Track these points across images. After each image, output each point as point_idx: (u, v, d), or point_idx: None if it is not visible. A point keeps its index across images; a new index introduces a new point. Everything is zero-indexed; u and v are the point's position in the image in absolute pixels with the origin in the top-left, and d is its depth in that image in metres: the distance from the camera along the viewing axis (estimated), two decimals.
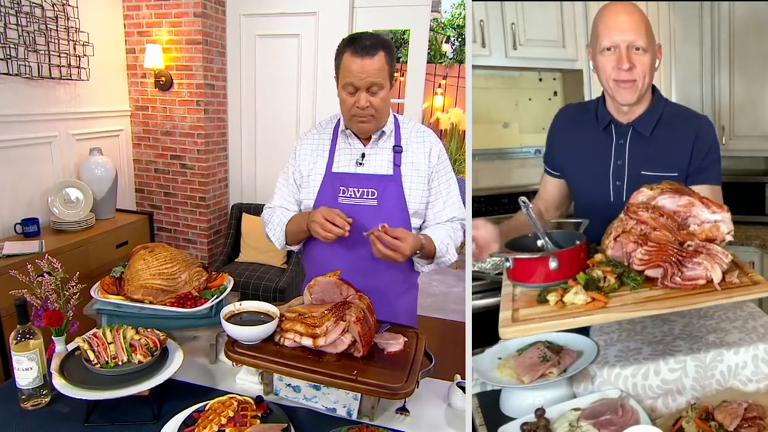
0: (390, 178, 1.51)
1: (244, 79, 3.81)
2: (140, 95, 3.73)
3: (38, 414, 1.25)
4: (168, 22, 3.54)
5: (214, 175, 3.86)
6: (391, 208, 1.50)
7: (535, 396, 1.17)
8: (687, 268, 0.90)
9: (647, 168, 1.26)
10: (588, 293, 0.92)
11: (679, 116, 1.30)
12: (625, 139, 1.29)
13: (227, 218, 4.04)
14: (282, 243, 1.61)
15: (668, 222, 0.94)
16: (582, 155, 1.35)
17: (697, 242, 0.92)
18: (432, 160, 1.55)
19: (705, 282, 0.90)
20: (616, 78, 1.23)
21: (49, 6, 2.90)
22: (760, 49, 2.13)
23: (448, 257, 1.54)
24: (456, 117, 7.38)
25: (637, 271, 0.94)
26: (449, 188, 1.58)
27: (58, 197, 2.96)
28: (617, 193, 1.28)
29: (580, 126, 1.38)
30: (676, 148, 1.25)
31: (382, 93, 1.42)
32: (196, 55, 3.54)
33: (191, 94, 3.62)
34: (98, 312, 1.47)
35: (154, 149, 3.81)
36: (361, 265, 1.51)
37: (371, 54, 1.37)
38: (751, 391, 1.09)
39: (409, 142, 1.55)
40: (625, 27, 1.19)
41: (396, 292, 1.60)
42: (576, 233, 1.08)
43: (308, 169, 1.58)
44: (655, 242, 0.93)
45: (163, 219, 3.93)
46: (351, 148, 1.55)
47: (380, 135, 1.53)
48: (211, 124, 3.75)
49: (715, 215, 0.95)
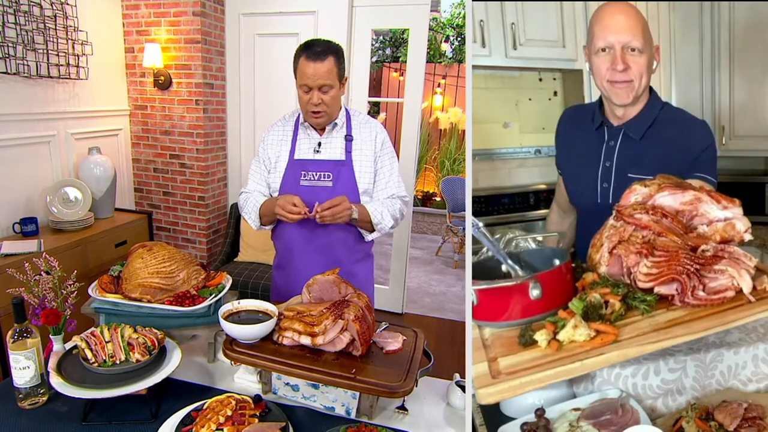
0: (343, 162, 1.75)
1: (243, 78, 3.81)
2: (139, 94, 3.73)
3: (36, 413, 1.25)
4: (167, 21, 3.53)
5: (213, 174, 3.85)
6: (344, 189, 1.72)
7: (535, 396, 1.16)
8: (709, 278, 0.71)
9: (634, 171, 1.23)
10: (589, 325, 0.71)
11: (674, 121, 1.27)
12: (616, 140, 1.28)
13: (226, 218, 4.04)
14: (257, 224, 1.83)
15: (673, 224, 0.75)
16: (575, 155, 1.34)
17: (713, 245, 0.74)
18: (377, 145, 1.78)
19: (733, 293, 0.71)
20: (610, 79, 1.21)
21: (48, 5, 2.89)
22: (760, 49, 2.13)
23: (384, 223, 1.74)
24: (455, 117, 7.38)
25: (643, 290, 0.75)
26: (391, 170, 1.81)
27: (56, 196, 2.95)
28: (604, 195, 1.26)
29: (577, 126, 1.37)
30: (665, 152, 1.22)
31: (332, 92, 1.65)
32: (195, 54, 3.53)
33: (190, 93, 3.62)
34: (96, 311, 1.46)
35: (153, 148, 3.81)
36: (320, 239, 1.76)
37: (322, 59, 1.60)
38: (751, 391, 1.09)
39: (359, 131, 1.78)
40: (621, 28, 1.17)
41: (351, 260, 1.82)
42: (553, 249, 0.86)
43: (276, 156, 1.81)
44: (662, 250, 0.73)
45: (162, 218, 3.93)
46: (309, 138, 1.78)
47: (333, 126, 1.76)
48: (210, 123, 3.75)
49: (726, 211, 0.78)
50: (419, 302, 4.34)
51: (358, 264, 1.85)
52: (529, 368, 0.69)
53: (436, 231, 6.59)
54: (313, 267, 1.69)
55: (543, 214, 2.47)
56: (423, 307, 4.25)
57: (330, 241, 1.77)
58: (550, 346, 0.71)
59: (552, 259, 0.81)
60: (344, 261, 1.79)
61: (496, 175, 2.45)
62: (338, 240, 1.77)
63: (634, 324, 0.72)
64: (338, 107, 1.75)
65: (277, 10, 3.59)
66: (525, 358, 0.70)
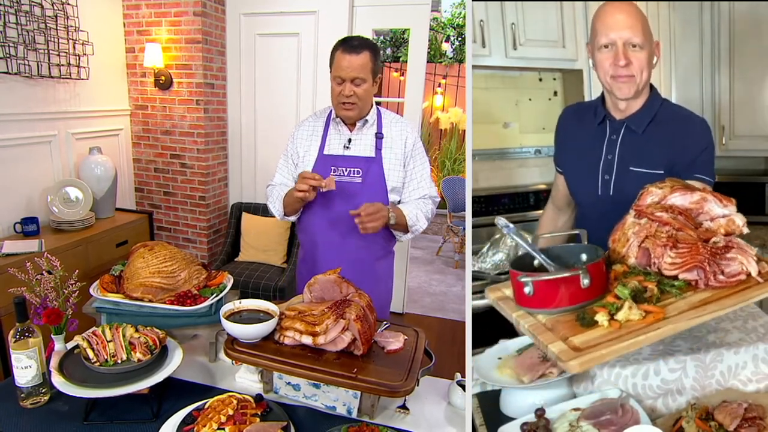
0: (372, 159, 1.77)
1: (243, 78, 3.81)
2: (140, 94, 3.73)
3: (37, 412, 1.25)
4: (168, 21, 3.53)
5: (213, 174, 3.86)
6: (373, 185, 1.76)
7: (535, 396, 1.16)
8: (724, 264, 0.87)
9: (635, 164, 1.28)
10: (638, 306, 0.86)
11: (674, 118, 1.31)
12: (618, 134, 1.31)
13: (227, 217, 4.04)
14: (281, 213, 1.85)
15: (687, 221, 0.90)
16: (577, 150, 1.38)
17: (723, 238, 0.89)
18: (408, 146, 1.80)
19: (745, 276, 0.88)
20: (613, 74, 1.25)
21: (49, 5, 2.90)
22: (760, 48, 2.13)
23: (419, 225, 1.80)
24: (456, 116, 7.38)
25: (668, 277, 0.89)
26: (423, 171, 1.85)
27: (57, 196, 2.96)
28: (605, 188, 1.30)
29: (579, 122, 1.41)
30: (666, 147, 1.26)
31: (365, 86, 1.68)
32: (196, 54, 3.54)
33: (191, 93, 3.62)
34: (97, 310, 1.47)
35: (153, 148, 3.81)
36: (344, 232, 1.76)
37: (357, 52, 1.64)
38: (751, 391, 1.09)
39: (389, 130, 1.80)
40: (622, 25, 1.21)
41: (376, 257, 1.85)
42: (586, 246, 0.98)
43: (304, 151, 1.83)
44: (684, 243, 0.88)
45: (162, 218, 3.93)
46: (340, 134, 1.80)
47: (364, 123, 1.78)
48: (211, 123, 3.75)
49: (725, 209, 0.93)
50: (420, 302, 4.34)
51: (381, 261, 1.88)
52: (601, 343, 0.84)
53: (437, 231, 6.59)
54: (336, 260, 1.72)
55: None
56: (423, 306, 4.25)
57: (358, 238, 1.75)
58: (611, 325, 0.85)
59: (579, 254, 0.95)
60: (369, 258, 1.82)
61: (496, 175, 2.45)
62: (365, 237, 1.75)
63: (673, 304, 0.86)
64: (369, 103, 1.77)
65: (278, 10, 3.59)
66: (595, 336, 0.85)
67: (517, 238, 0.98)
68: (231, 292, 1.59)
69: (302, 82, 3.67)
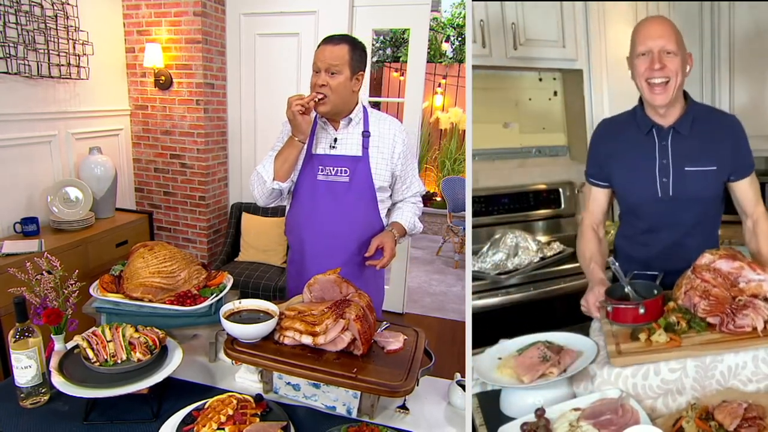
0: (359, 158, 1.75)
1: (243, 78, 3.81)
2: (140, 94, 3.73)
3: (37, 412, 1.25)
4: (168, 21, 3.53)
5: (213, 174, 3.86)
6: (360, 184, 1.75)
7: (535, 396, 1.17)
8: (738, 318, 1.15)
9: (690, 164, 1.41)
10: (667, 334, 1.17)
11: (711, 115, 1.44)
12: (667, 140, 1.42)
13: (227, 217, 4.04)
14: (271, 177, 1.73)
15: (724, 281, 1.22)
16: (627, 160, 1.47)
17: (746, 298, 1.18)
18: (396, 146, 1.79)
19: (751, 329, 1.14)
20: (648, 77, 1.35)
21: (49, 5, 2.90)
22: (760, 49, 2.13)
23: (416, 229, 1.88)
24: (456, 116, 7.38)
25: (700, 318, 1.19)
26: (413, 168, 1.88)
27: (57, 196, 2.96)
28: (664, 189, 1.43)
29: (621, 134, 1.50)
30: (714, 143, 1.40)
31: (340, 78, 1.64)
32: (196, 54, 3.54)
33: (191, 93, 3.62)
34: (97, 310, 1.47)
35: (153, 148, 3.81)
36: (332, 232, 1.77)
37: (335, 43, 1.65)
38: (751, 391, 1.09)
39: (376, 128, 1.79)
40: (658, 35, 1.35)
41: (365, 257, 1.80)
42: (653, 284, 1.32)
43: None
44: (714, 297, 1.19)
45: (162, 218, 3.93)
46: (327, 133, 1.78)
47: (348, 122, 1.76)
48: (211, 123, 3.75)
49: (759, 276, 1.21)
50: (420, 302, 4.34)
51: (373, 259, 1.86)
52: (635, 352, 1.16)
53: (437, 231, 6.59)
54: (326, 261, 1.71)
55: (543, 214, 2.47)
56: (423, 306, 4.25)
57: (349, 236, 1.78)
58: (646, 343, 1.18)
59: (652, 290, 1.30)
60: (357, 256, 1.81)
61: (496, 175, 2.45)
62: (357, 237, 1.78)
63: (691, 338, 1.17)
64: (347, 99, 1.71)
65: (278, 10, 3.59)
66: (634, 346, 1.18)
67: (619, 273, 1.35)
68: (231, 292, 1.59)
69: (302, 82, 3.67)
